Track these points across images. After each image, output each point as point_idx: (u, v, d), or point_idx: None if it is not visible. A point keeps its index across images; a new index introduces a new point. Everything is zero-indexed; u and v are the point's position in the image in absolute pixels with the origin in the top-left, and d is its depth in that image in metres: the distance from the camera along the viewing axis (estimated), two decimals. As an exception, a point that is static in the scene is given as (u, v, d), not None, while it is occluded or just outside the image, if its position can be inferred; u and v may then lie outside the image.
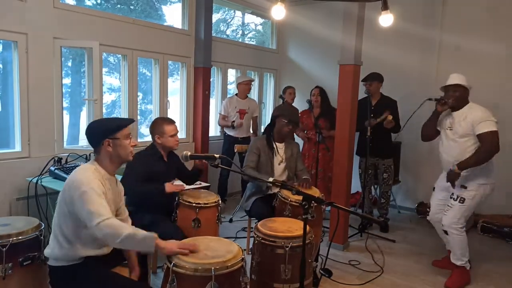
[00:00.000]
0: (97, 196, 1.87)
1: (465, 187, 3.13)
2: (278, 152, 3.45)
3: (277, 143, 3.48)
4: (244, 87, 5.06)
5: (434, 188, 3.49)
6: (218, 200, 2.97)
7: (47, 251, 2.04)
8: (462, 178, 3.09)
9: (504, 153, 3.08)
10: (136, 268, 2.23)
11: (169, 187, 2.82)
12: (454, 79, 3.18)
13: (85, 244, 1.98)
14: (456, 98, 3.15)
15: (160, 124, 2.95)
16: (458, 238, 3.17)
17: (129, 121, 2.13)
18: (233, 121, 4.94)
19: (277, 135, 3.46)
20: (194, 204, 2.84)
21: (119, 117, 2.78)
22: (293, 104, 5.22)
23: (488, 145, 2.98)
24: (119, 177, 2.31)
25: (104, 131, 2.03)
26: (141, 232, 1.89)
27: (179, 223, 2.85)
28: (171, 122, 3.00)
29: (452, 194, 3.19)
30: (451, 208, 3.17)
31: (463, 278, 3.24)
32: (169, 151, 3.03)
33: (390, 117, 4.17)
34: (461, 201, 3.12)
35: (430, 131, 3.41)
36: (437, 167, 3.54)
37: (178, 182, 3.10)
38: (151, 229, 2.58)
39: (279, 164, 3.47)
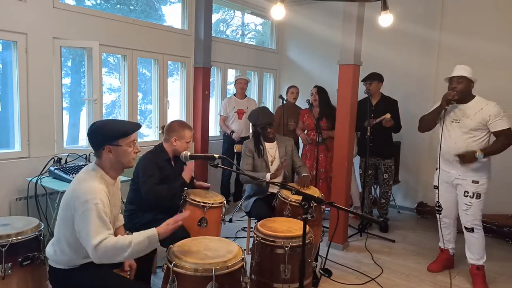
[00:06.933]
0: (99, 216, 1.79)
1: (477, 182, 3.11)
2: (268, 152, 3.52)
3: (266, 143, 3.54)
4: (239, 84, 5.11)
5: (436, 186, 3.37)
6: (224, 201, 2.97)
7: (48, 252, 2.01)
8: (473, 172, 3.10)
9: (504, 153, 3.08)
10: (132, 264, 2.19)
11: (185, 174, 2.87)
12: (459, 70, 3.11)
13: (87, 255, 1.86)
14: (460, 90, 3.07)
15: (182, 127, 2.95)
16: (482, 234, 3.15)
17: (134, 128, 2.01)
18: (233, 132, 4.98)
19: (264, 138, 3.54)
20: (201, 204, 2.80)
21: (125, 120, 2.60)
22: (296, 104, 5.25)
23: (509, 139, 3.00)
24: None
25: (106, 137, 1.92)
26: (142, 237, 1.81)
27: (183, 222, 2.83)
28: (191, 128, 3.02)
29: (466, 192, 3.15)
30: (470, 206, 3.13)
31: (485, 280, 3.19)
32: (174, 155, 3.00)
33: (388, 116, 4.16)
34: (478, 197, 3.11)
35: (430, 124, 3.32)
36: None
37: None
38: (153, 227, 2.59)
39: (271, 163, 3.50)
